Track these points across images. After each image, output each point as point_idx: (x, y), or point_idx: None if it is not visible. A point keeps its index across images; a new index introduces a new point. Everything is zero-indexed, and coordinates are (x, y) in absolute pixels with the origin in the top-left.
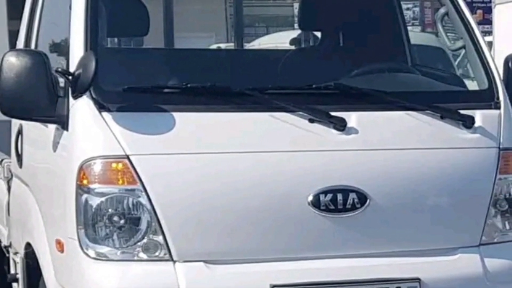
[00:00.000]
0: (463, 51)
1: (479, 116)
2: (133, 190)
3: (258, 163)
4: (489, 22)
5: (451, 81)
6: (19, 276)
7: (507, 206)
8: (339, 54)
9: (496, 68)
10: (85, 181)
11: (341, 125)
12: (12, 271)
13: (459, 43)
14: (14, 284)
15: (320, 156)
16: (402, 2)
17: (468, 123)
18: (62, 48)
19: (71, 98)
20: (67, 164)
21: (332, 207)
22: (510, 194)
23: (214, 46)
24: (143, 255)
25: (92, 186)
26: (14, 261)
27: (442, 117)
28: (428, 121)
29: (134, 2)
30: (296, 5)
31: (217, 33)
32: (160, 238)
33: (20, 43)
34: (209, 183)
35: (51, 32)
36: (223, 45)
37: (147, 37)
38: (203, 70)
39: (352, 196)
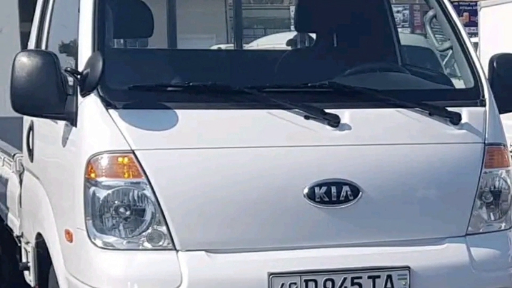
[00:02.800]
0: (450, 52)
1: (466, 113)
2: (138, 183)
3: (257, 157)
4: (475, 24)
5: (439, 80)
6: (30, 264)
7: (492, 198)
8: (333, 55)
9: (482, 68)
10: (92, 175)
11: (335, 122)
12: (24, 259)
13: (447, 44)
14: (26, 272)
15: (315, 150)
16: (392, 5)
17: (455, 119)
18: (71, 49)
19: (79, 96)
20: (76, 159)
21: (326, 199)
22: (494, 187)
23: (214, 47)
24: (147, 245)
25: (99, 179)
26: (26, 250)
27: (430, 114)
28: (417, 118)
29: (139, 5)
30: (292, 8)
31: (217, 34)
32: (163, 229)
33: (31, 44)
34: (210, 177)
35: (60, 33)
36: (223, 46)
37: (152, 38)
38: (205, 69)
39: (345, 188)
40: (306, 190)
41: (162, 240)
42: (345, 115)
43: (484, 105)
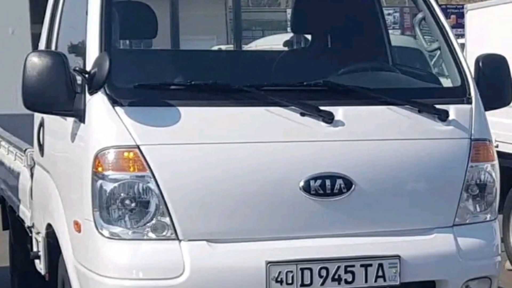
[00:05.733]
0: (438, 52)
1: (453, 110)
2: (143, 176)
3: (255, 152)
4: (461, 26)
5: (427, 79)
6: (41, 253)
7: (477, 191)
8: (327, 55)
9: (468, 67)
10: (100, 169)
11: (329, 118)
12: (35, 249)
13: (435, 45)
14: (37, 261)
15: (311, 146)
16: (383, 8)
17: (443, 116)
18: (79, 49)
19: (87, 94)
20: (84, 153)
21: (321, 191)
22: (480, 180)
23: (215, 48)
24: (151, 235)
25: (106, 173)
26: (36, 240)
27: (419, 111)
28: (407, 115)
29: (144, 8)
30: (289, 11)
31: (218, 35)
32: (167, 220)
33: (42, 45)
34: (211, 170)
35: (69, 35)
36: (223, 47)
37: (155, 39)
38: (206, 69)
39: (339, 182)
40: (302, 183)
41: (165, 230)
42: (339, 112)
43: (471, 103)
